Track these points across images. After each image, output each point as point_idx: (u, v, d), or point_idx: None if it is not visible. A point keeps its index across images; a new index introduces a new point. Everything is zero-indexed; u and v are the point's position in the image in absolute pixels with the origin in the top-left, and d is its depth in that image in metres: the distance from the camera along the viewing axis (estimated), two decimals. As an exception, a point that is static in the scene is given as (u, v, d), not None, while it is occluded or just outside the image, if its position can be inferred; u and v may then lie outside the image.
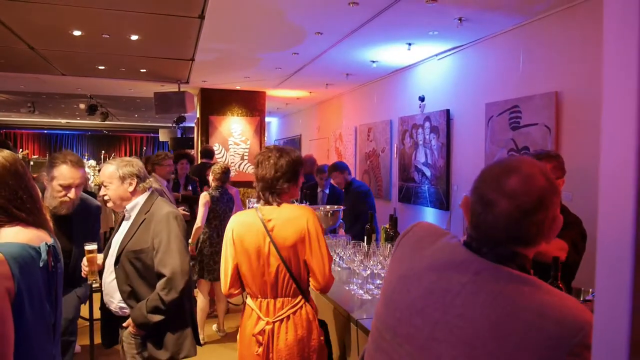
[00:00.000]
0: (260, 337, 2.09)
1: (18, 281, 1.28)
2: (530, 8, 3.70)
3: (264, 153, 2.17)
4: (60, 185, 2.38)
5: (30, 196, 1.48)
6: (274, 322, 2.07)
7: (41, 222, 1.50)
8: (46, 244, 1.45)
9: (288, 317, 2.08)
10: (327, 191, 5.80)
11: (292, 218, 2.09)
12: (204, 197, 4.29)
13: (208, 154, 6.75)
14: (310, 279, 2.13)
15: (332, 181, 5.01)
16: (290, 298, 2.09)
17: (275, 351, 2.06)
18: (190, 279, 2.19)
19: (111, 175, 2.24)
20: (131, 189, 2.26)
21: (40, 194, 1.58)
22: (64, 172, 2.38)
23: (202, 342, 4.21)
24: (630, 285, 0.73)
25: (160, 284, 2.11)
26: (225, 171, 4.43)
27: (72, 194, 2.40)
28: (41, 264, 1.40)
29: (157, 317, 2.10)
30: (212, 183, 4.41)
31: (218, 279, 4.25)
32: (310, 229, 2.07)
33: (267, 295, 2.10)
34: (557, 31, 3.74)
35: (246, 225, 2.12)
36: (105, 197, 2.28)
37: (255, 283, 2.11)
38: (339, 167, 4.86)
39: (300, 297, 2.10)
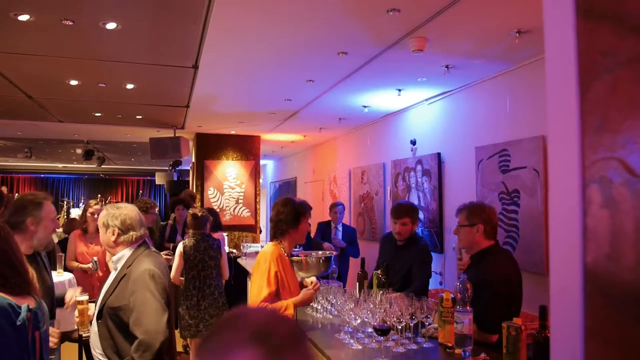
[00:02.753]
0: None
1: None
2: (513, 56, 3.82)
3: (276, 203, 2.83)
4: (52, 220, 2.45)
5: (12, 268, 1.50)
6: None
7: (25, 290, 1.52)
8: (28, 306, 1.45)
9: None
10: (339, 227, 5.79)
11: (258, 254, 2.70)
12: (178, 249, 4.10)
13: (188, 202, 6.13)
14: None
15: (397, 226, 3.44)
16: None
17: None
18: (167, 338, 2.08)
19: (99, 221, 2.27)
20: (113, 238, 2.22)
21: (24, 259, 1.59)
22: (51, 208, 2.47)
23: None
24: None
25: (134, 346, 2.04)
26: (196, 216, 4.13)
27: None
28: (18, 323, 1.40)
29: None
30: (188, 231, 4.17)
31: (196, 335, 4.00)
32: (260, 264, 2.63)
33: None
34: (540, 77, 3.85)
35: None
36: None
37: None
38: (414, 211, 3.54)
39: None
